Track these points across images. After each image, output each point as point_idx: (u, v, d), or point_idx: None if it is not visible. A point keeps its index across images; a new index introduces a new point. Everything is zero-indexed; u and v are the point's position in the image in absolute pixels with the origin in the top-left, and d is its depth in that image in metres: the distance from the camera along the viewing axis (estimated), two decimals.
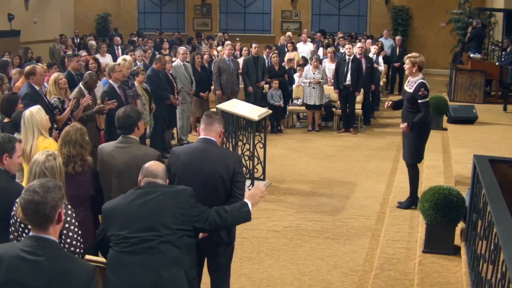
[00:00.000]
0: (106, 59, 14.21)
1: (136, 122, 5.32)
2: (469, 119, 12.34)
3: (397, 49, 18.68)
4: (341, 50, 16.28)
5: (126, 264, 3.88)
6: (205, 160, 4.79)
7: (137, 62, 12.56)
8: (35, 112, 5.97)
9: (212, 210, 4.23)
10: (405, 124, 7.76)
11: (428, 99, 7.75)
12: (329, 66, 14.07)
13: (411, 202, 7.95)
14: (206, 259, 5.09)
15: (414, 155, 7.94)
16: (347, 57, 13.36)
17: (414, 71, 7.78)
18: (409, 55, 7.99)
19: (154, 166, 4.21)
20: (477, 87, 15.28)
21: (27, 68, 8.32)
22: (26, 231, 4.04)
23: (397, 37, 19.42)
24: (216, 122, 5.00)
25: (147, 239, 3.89)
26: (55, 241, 3.16)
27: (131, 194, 4.09)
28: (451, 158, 9.72)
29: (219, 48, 16.50)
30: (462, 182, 8.01)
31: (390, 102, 8.31)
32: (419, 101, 7.67)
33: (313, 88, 13.43)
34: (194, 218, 4.07)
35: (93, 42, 16.15)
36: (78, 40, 20.34)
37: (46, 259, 3.05)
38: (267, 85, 13.92)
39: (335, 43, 18.73)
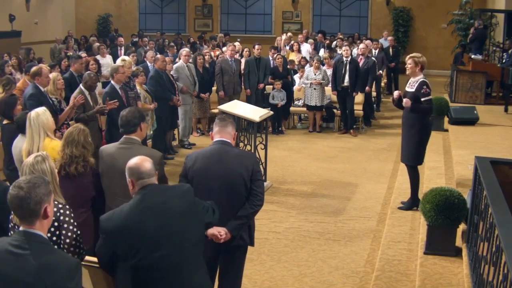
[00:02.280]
0: (106, 60, 14.24)
1: (139, 122, 5.33)
2: (470, 120, 12.32)
3: (390, 50, 18.64)
4: (339, 52, 16.25)
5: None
6: (224, 162, 4.78)
7: (147, 62, 12.54)
8: (41, 113, 5.94)
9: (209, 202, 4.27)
10: (407, 99, 7.71)
11: (431, 97, 7.81)
12: (328, 72, 13.99)
13: (412, 204, 7.95)
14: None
15: (414, 157, 7.95)
16: (344, 58, 13.34)
17: (417, 70, 7.81)
18: (411, 54, 7.98)
19: (144, 164, 3.97)
20: (478, 88, 15.26)
21: (33, 68, 8.34)
22: None
23: (389, 38, 19.34)
24: (230, 125, 5.01)
25: (169, 257, 3.83)
26: (41, 235, 3.22)
27: (134, 209, 3.83)
28: (452, 159, 9.71)
29: (224, 49, 16.45)
30: (463, 184, 8.00)
31: (398, 93, 8.12)
32: (422, 99, 7.70)
33: (314, 89, 13.43)
34: (203, 217, 4.10)
35: (97, 44, 16.18)
36: (73, 40, 20.28)
37: (31, 252, 3.11)
38: (270, 86, 13.92)
39: (334, 45, 18.69)
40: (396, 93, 8.11)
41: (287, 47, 16.96)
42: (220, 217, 4.45)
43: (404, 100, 7.75)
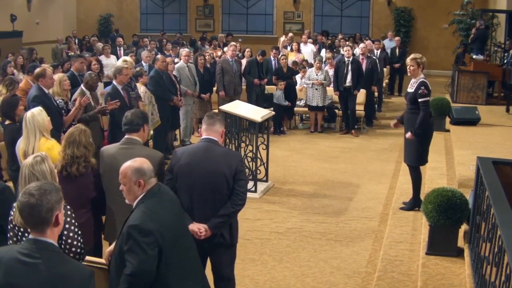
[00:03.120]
0: (111, 60, 14.23)
1: (143, 123, 5.36)
2: (472, 121, 12.30)
3: (397, 50, 18.61)
4: (342, 52, 16.25)
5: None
6: (208, 160, 4.83)
7: (142, 63, 12.52)
8: (36, 113, 5.95)
9: None
10: (409, 133, 7.80)
11: (428, 98, 7.74)
12: (330, 73, 13.99)
13: (414, 204, 7.94)
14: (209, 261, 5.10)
15: (416, 158, 7.94)
16: (346, 58, 13.34)
17: (419, 71, 7.80)
18: (413, 56, 7.96)
19: (147, 164, 4.07)
20: (480, 89, 15.23)
21: (37, 70, 8.31)
22: (26, 234, 4.05)
23: (396, 38, 19.35)
24: (217, 122, 5.04)
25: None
26: (53, 244, 3.15)
27: (162, 204, 4.00)
28: (454, 159, 9.69)
29: (225, 49, 16.44)
30: (465, 184, 7.99)
31: (394, 122, 8.41)
32: (419, 100, 7.68)
33: (316, 89, 13.42)
34: None
35: (100, 45, 16.21)
36: (76, 41, 20.28)
37: (43, 261, 3.05)
38: (273, 86, 13.93)
39: (335, 45, 18.68)
40: (392, 123, 8.30)
41: (288, 48, 16.96)
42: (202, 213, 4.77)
43: (407, 135, 7.85)
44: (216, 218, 4.78)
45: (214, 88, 13.36)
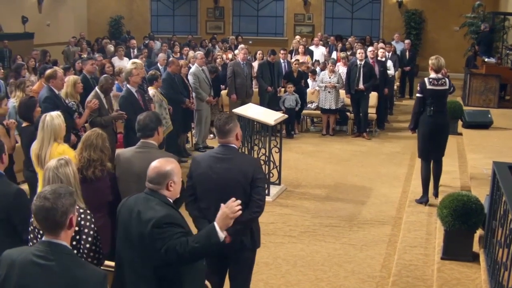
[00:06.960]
0: (123, 63, 14.07)
1: (156, 126, 5.35)
2: (484, 124, 12.26)
3: (407, 53, 18.55)
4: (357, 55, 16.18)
5: None
6: (224, 168, 4.81)
7: (159, 65, 12.48)
8: (55, 117, 5.95)
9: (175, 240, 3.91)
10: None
11: (420, 95, 8.25)
12: (342, 70, 14.03)
13: (422, 197, 8.36)
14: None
15: (418, 150, 8.45)
16: (358, 62, 13.33)
17: (430, 71, 8.24)
18: None
19: (151, 170, 4.02)
20: (492, 92, 15.19)
21: (48, 71, 8.35)
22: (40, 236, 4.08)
23: (407, 41, 19.27)
24: (228, 125, 4.91)
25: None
26: (67, 246, 3.18)
27: (132, 205, 4.02)
28: (467, 163, 9.68)
29: (236, 51, 16.41)
30: (479, 188, 7.96)
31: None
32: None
33: (329, 92, 13.40)
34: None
35: (111, 47, 16.21)
36: (85, 43, 20.31)
37: (57, 264, 3.07)
38: (282, 89, 13.92)
39: (351, 48, 18.63)
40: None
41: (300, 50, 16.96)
42: None
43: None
44: (234, 225, 4.77)
45: (223, 92, 13.29)
